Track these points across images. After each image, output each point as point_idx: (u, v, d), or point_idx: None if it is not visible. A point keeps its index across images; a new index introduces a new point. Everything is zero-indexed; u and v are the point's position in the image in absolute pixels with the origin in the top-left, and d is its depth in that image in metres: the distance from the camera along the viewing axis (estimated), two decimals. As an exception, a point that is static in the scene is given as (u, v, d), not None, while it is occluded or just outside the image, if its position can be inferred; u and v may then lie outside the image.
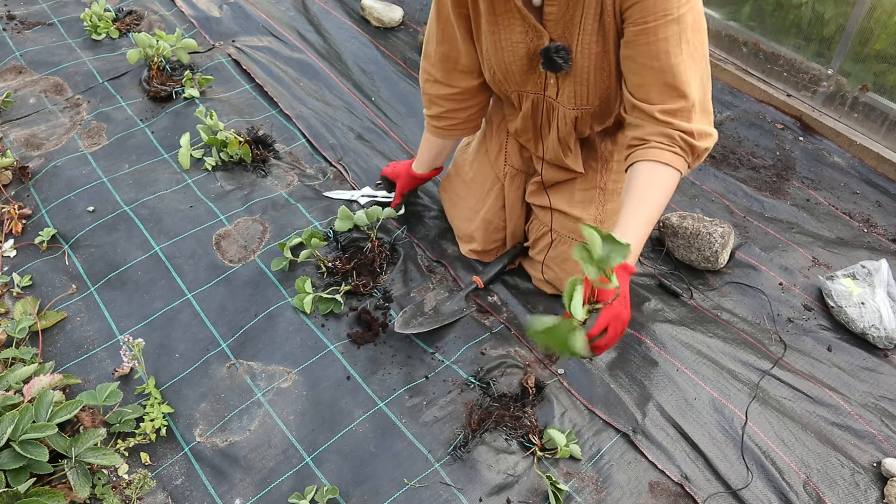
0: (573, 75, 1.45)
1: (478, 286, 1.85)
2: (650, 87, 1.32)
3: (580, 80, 1.45)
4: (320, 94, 2.52)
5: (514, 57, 1.49)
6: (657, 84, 1.31)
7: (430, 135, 1.85)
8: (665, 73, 1.29)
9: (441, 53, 1.64)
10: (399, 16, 2.89)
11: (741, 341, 1.81)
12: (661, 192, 1.34)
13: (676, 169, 1.33)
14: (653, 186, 1.33)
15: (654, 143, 1.33)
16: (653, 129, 1.33)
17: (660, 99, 1.32)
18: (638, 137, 1.36)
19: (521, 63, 1.49)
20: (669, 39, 1.26)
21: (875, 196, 2.34)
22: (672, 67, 1.28)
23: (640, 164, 1.35)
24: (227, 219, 2.02)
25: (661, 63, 1.28)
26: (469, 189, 1.91)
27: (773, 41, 2.61)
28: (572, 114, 1.54)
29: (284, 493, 1.46)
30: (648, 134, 1.34)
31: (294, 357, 1.70)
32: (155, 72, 2.44)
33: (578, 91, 1.48)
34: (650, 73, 1.31)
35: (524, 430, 1.56)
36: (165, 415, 1.57)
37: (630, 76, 1.36)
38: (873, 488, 1.54)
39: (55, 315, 1.75)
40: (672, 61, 1.28)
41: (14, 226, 1.96)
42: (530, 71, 1.51)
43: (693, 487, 1.50)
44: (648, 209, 1.32)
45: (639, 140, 1.36)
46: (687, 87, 1.30)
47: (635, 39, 1.30)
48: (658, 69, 1.29)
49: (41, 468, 1.37)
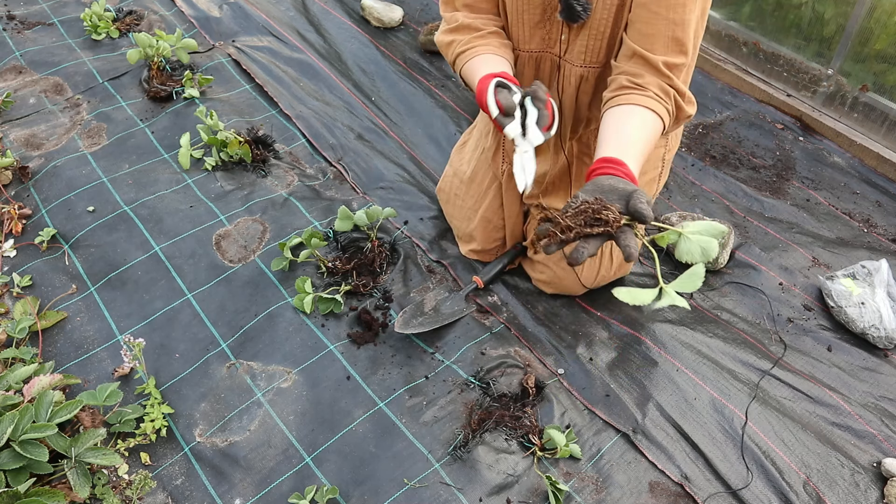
0: (588, 27, 1.43)
1: (478, 286, 1.85)
2: (657, 37, 1.32)
3: (595, 32, 1.43)
4: (320, 94, 2.52)
5: (529, 5, 1.46)
6: (665, 36, 1.31)
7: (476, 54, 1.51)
8: (676, 27, 1.30)
9: None
10: (399, 16, 2.89)
11: (741, 341, 1.81)
12: (654, 139, 1.32)
13: (664, 124, 1.33)
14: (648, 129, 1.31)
15: (651, 93, 1.33)
16: (652, 80, 1.34)
17: (663, 51, 1.33)
18: (635, 83, 1.34)
19: (534, 13, 1.47)
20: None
21: (875, 196, 2.34)
22: (684, 22, 1.30)
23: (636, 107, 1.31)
24: (227, 219, 2.02)
25: (675, 15, 1.29)
26: (467, 188, 1.91)
27: (773, 41, 2.61)
28: (578, 72, 1.52)
29: (284, 493, 1.46)
30: (647, 83, 1.34)
31: (294, 357, 1.70)
32: (155, 72, 2.44)
33: (591, 45, 1.46)
34: (662, 24, 1.31)
35: (524, 430, 1.56)
36: (165, 415, 1.57)
37: (639, 24, 1.35)
38: (873, 488, 1.54)
39: (55, 315, 1.75)
40: (686, 17, 1.29)
41: (14, 226, 1.96)
42: (541, 23, 1.49)
43: (693, 487, 1.50)
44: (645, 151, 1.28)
45: (634, 85, 1.34)
46: (689, 44, 1.32)
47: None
48: (671, 21, 1.30)
49: (41, 468, 1.37)
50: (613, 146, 1.25)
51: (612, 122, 1.32)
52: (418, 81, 2.59)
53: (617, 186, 1.12)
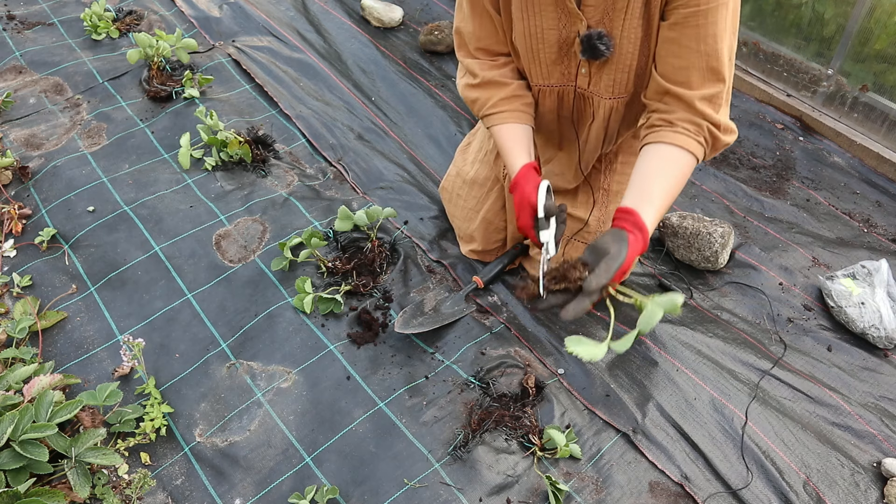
0: (613, 62, 1.40)
1: (478, 286, 1.85)
2: (693, 69, 1.29)
3: (621, 66, 1.40)
4: (320, 94, 2.52)
5: (544, 43, 1.43)
6: (700, 68, 1.29)
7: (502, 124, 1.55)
8: (710, 57, 1.27)
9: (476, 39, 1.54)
10: (399, 16, 2.89)
11: (741, 341, 1.81)
12: (682, 176, 1.33)
13: (696, 157, 1.33)
14: (676, 169, 1.32)
15: (681, 128, 1.31)
16: (683, 115, 1.32)
17: (699, 83, 1.30)
18: (665, 119, 1.33)
19: (550, 50, 1.44)
20: (718, 23, 1.25)
21: (875, 196, 2.34)
22: (718, 52, 1.27)
23: (662, 145, 1.32)
24: (227, 219, 2.02)
25: (707, 47, 1.27)
26: (469, 189, 1.91)
27: (773, 41, 2.61)
28: (608, 104, 1.49)
29: (284, 493, 1.46)
30: (678, 119, 1.32)
31: (294, 357, 1.70)
32: (155, 72, 2.44)
33: (618, 79, 1.43)
34: (695, 56, 1.28)
35: (524, 430, 1.56)
36: (165, 415, 1.57)
37: (670, 59, 1.32)
38: (873, 488, 1.54)
39: (55, 315, 1.75)
40: (718, 46, 1.27)
41: (14, 226, 1.96)
42: (558, 61, 1.46)
43: (693, 487, 1.50)
44: (667, 189, 1.31)
45: (664, 122, 1.33)
46: (725, 70, 1.29)
47: (684, 21, 1.26)
48: (704, 52, 1.27)
49: (41, 468, 1.37)
50: (635, 193, 1.30)
51: (639, 167, 1.34)
52: (418, 81, 2.59)
53: (608, 250, 1.20)
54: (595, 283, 1.17)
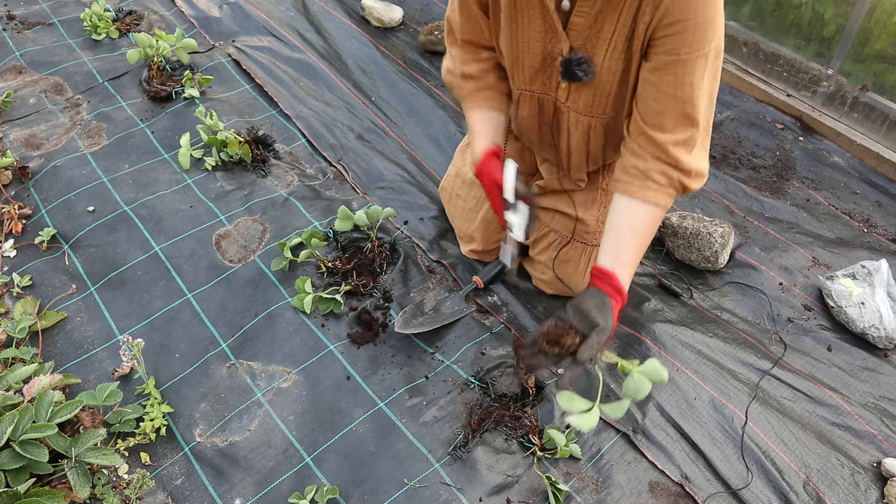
0: (591, 85, 1.42)
1: (478, 286, 1.85)
2: (667, 114, 1.32)
3: (599, 91, 1.43)
4: (320, 94, 2.52)
5: (528, 52, 1.45)
6: (675, 113, 1.31)
7: (477, 106, 1.64)
8: (686, 104, 1.29)
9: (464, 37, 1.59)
10: (399, 16, 2.89)
11: (741, 341, 1.81)
12: (652, 231, 1.42)
13: (665, 207, 1.39)
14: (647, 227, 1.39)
15: (651, 184, 1.35)
16: (655, 166, 1.35)
17: (673, 127, 1.32)
18: (638, 169, 1.37)
19: (534, 60, 1.46)
20: (696, 72, 1.26)
21: (875, 196, 2.34)
22: (693, 99, 1.29)
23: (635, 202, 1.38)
24: (227, 219, 2.02)
25: (684, 94, 1.28)
26: (469, 189, 1.91)
27: (773, 41, 2.61)
28: (585, 121, 1.51)
29: (284, 493, 1.46)
30: (650, 169, 1.35)
31: (294, 357, 1.70)
32: (155, 72, 2.44)
33: (597, 101, 1.45)
34: (671, 102, 1.30)
35: (524, 430, 1.56)
36: (165, 415, 1.57)
37: (648, 101, 1.34)
38: (873, 488, 1.54)
39: (55, 315, 1.75)
40: (695, 94, 1.28)
41: (14, 226, 1.96)
42: (541, 70, 1.48)
43: (693, 487, 1.50)
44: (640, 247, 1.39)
45: (638, 172, 1.37)
46: (700, 116, 1.31)
47: (664, 68, 1.28)
48: (680, 99, 1.29)
49: (41, 468, 1.37)
50: (611, 251, 1.37)
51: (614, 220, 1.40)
52: (418, 81, 2.60)
53: (593, 317, 1.26)
54: (587, 354, 1.24)
